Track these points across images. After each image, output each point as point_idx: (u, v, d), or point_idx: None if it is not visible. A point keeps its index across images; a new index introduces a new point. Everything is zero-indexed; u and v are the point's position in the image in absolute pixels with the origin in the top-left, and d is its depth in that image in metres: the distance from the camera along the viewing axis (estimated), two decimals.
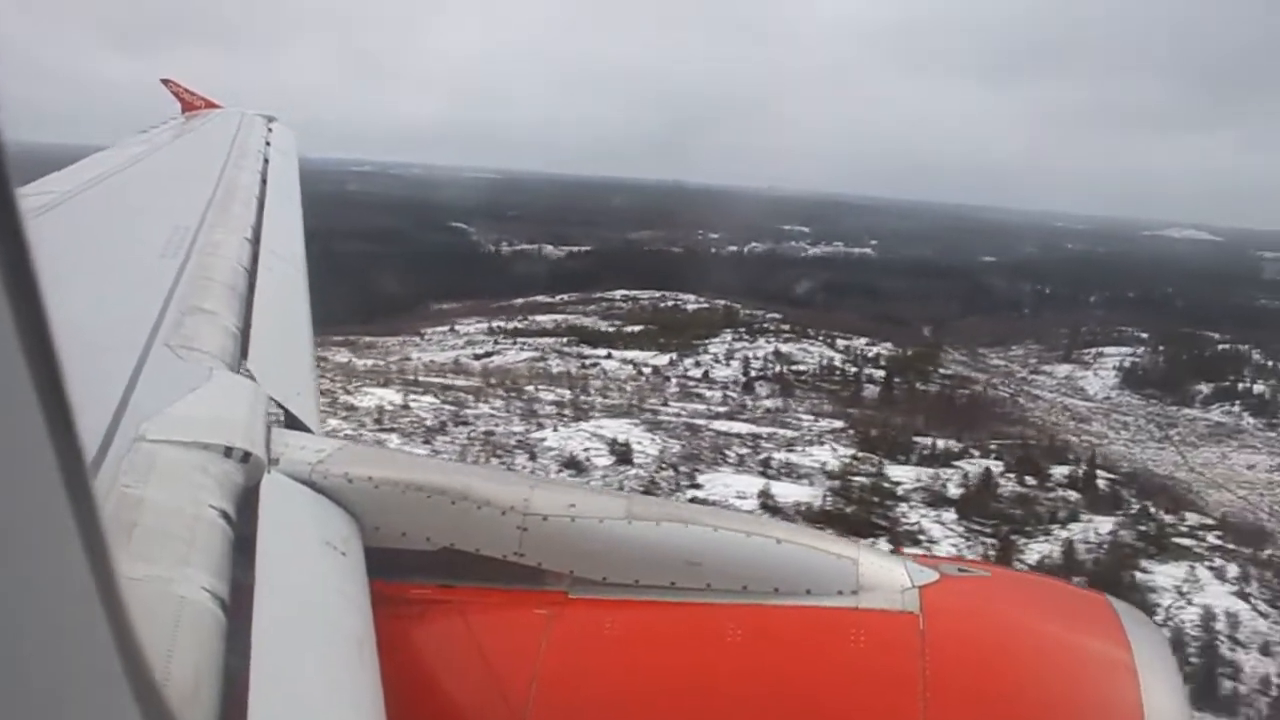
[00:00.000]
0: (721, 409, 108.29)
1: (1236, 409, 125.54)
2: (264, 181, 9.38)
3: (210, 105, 17.30)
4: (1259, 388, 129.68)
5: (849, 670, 2.87)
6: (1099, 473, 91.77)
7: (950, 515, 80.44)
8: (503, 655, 2.97)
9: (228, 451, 2.99)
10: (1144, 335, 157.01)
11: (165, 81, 18.02)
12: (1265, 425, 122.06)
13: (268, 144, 12.23)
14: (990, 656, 2.89)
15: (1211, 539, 80.00)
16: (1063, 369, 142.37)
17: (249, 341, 4.60)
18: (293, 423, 3.86)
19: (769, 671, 2.89)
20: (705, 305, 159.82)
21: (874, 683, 2.83)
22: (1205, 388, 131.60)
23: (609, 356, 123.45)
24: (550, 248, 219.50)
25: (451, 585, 3.17)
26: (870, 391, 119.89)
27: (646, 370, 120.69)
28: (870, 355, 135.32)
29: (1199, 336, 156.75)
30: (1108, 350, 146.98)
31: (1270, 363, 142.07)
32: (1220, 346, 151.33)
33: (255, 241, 6.66)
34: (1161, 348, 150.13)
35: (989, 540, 75.39)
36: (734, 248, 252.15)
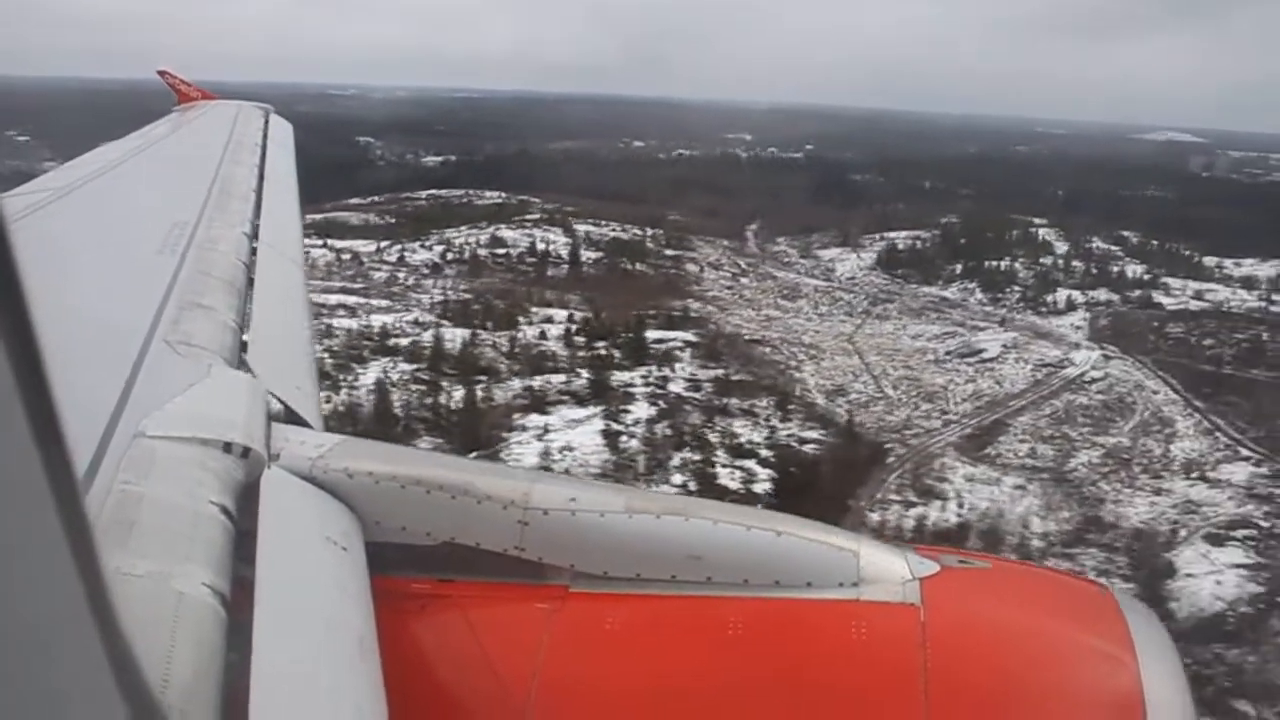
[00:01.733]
0: (368, 288, 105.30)
1: (972, 285, 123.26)
2: (261, 175, 9.32)
3: (206, 97, 17.14)
4: (1010, 265, 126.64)
5: (851, 662, 2.86)
6: (688, 337, 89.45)
7: (409, 365, 78.32)
8: (504, 650, 2.97)
9: (227, 447, 2.99)
10: (951, 220, 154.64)
11: (161, 73, 17.88)
12: (989, 300, 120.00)
13: (265, 136, 12.13)
14: (991, 648, 2.88)
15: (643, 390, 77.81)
16: (833, 252, 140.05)
17: (248, 336, 4.58)
18: (293, 418, 3.82)
19: (771, 664, 2.88)
20: (499, 201, 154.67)
21: (876, 675, 2.82)
22: (958, 267, 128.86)
23: (324, 245, 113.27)
24: (428, 156, 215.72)
25: (452, 580, 3.17)
26: (560, 271, 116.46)
27: (346, 256, 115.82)
28: (603, 239, 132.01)
29: (1011, 220, 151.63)
30: (893, 235, 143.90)
31: (1062, 244, 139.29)
32: (1029, 230, 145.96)
33: (253, 236, 6.60)
34: (944, 231, 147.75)
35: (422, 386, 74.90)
36: (661, 155, 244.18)
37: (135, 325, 4.02)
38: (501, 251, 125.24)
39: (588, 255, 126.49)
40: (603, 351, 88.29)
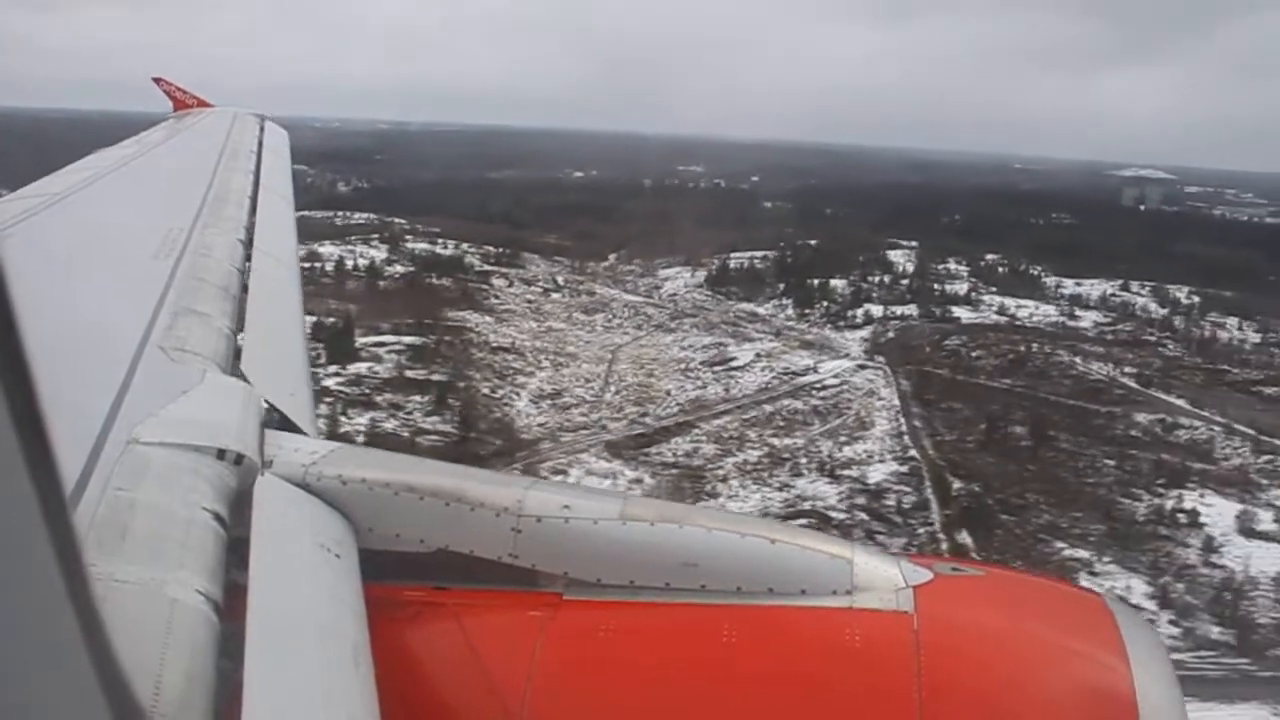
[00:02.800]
0: None
1: (787, 302, 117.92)
2: (257, 181, 8.99)
3: (202, 104, 16.82)
4: (835, 284, 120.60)
5: (844, 670, 2.69)
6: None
7: None
8: (498, 657, 2.78)
9: (221, 454, 2.81)
10: (810, 242, 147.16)
11: (157, 80, 17.58)
12: (796, 315, 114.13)
13: (260, 143, 11.82)
14: (985, 656, 2.70)
15: None
16: (673, 271, 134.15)
17: (242, 343, 4.32)
18: (286, 424, 3.57)
19: (764, 672, 2.70)
20: (360, 222, 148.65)
21: (869, 682, 2.65)
22: (783, 285, 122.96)
23: None
24: (341, 183, 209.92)
25: (446, 587, 2.97)
26: (357, 283, 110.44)
27: None
28: (425, 255, 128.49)
29: (874, 242, 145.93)
30: (740, 255, 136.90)
31: (910, 265, 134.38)
32: (883, 252, 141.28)
33: (248, 243, 6.29)
34: (792, 251, 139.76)
35: None
36: (590, 185, 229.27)
37: (129, 331, 3.76)
38: (307, 265, 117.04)
39: (398, 270, 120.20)
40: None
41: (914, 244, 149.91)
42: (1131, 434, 78.38)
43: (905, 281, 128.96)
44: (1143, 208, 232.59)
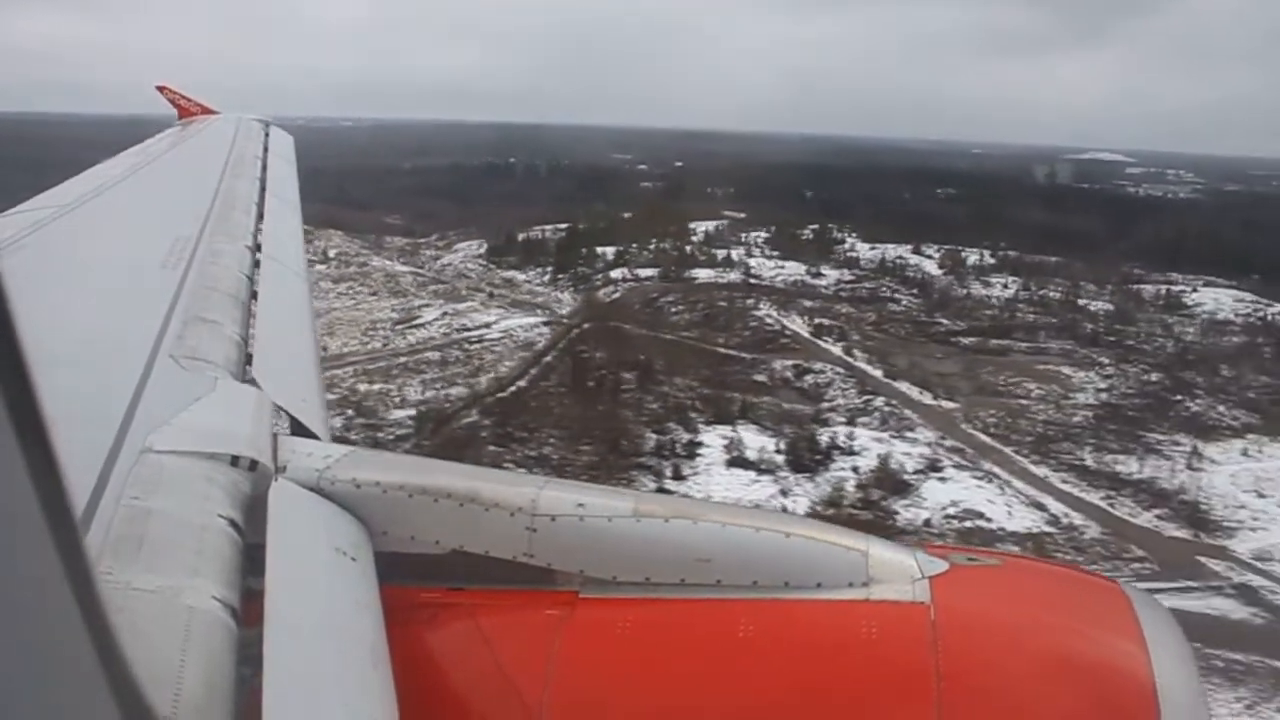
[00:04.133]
0: None
1: (549, 269, 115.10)
2: (263, 188, 8.60)
3: (206, 111, 15.70)
4: (605, 251, 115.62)
5: (862, 662, 2.58)
6: None
7: None
8: (516, 657, 2.65)
9: (234, 460, 2.67)
10: (624, 215, 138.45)
11: (161, 89, 16.45)
12: (549, 281, 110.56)
13: (265, 149, 11.06)
14: (1003, 646, 2.58)
15: None
16: (465, 245, 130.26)
17: (253, 349, 4.03)
18: (299, 429, 3.33)
19: (782, 666, 2.59)
20: None
21: (887, 674, 2.56)
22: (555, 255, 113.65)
23: None
24: None
25: (461, 588, 2.81)
26: None
27: None
28: None
29: (696, 213, 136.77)
30: (545, 228, 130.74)
31: (706, 233, 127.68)
32: (690, 223, 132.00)
33: (256, 249, 5.95)
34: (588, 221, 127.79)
35: None
36: (485, 171, 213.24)
37: (140, 340, 3.49)
38: None
39: None
40: None
41: (741, 215, 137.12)
42: (757, 379, 72.20)
43: (688, 248, 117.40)
44: (1049, 184, 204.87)
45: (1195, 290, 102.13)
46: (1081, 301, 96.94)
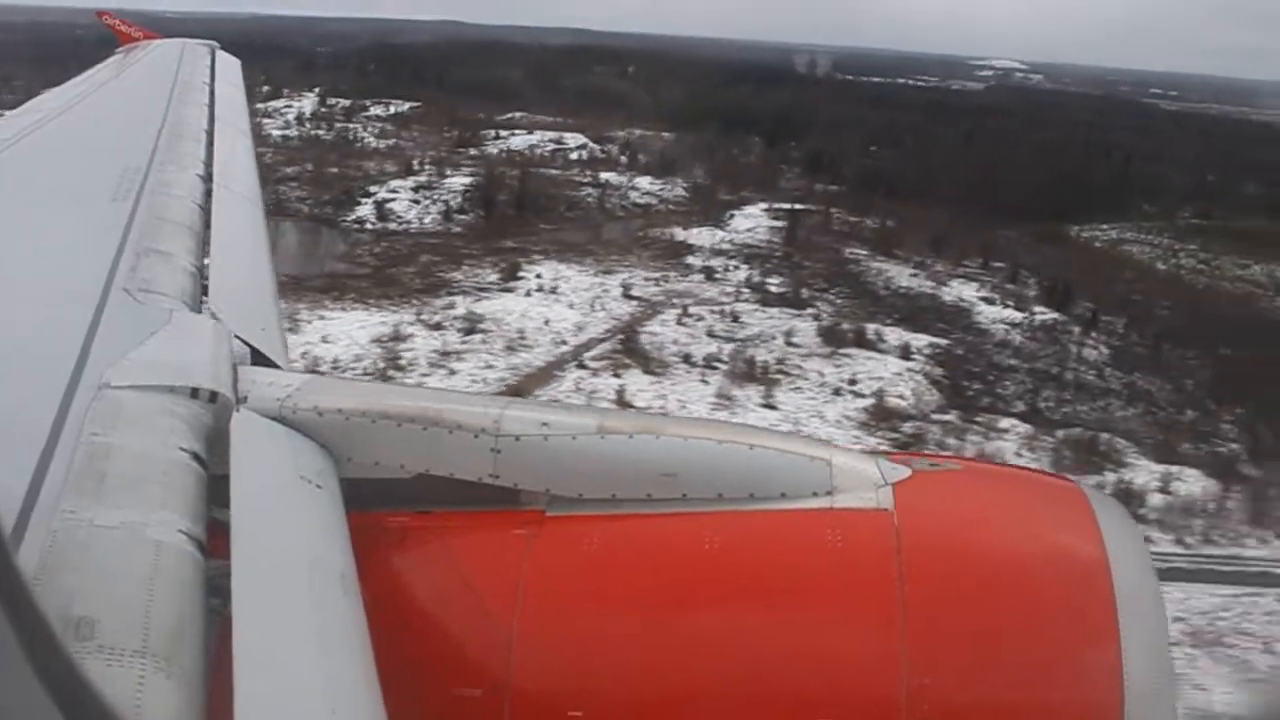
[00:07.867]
0: None
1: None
2: (212, 114, 8.13)
3: (149, 37, 15.29)
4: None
5: (827, 570, 2.52)
6: None
7: None
8: (485, 577, 2.56)
9: (194, 392, 2.56)
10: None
11: (101, 15, 16.29)
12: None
13: (212, 74, 10.92)
14: (964, 549, 2.58)
15: None
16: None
17: (209, 280, 3.90)
18: (259, 359, 3.24)
19: (749, 577, 2.54)
20: None
21: (852, 581, 2.50)
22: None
23: None
24: None
25: (429, 511, 2.72)
26: None
27: None
28: None
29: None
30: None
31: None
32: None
33: (208, 178, 5.80)
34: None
35: None
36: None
37: (92, 275, 3.38)
38: None
39: None
40: None
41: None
42: None
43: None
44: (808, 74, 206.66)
45: None
46: None
